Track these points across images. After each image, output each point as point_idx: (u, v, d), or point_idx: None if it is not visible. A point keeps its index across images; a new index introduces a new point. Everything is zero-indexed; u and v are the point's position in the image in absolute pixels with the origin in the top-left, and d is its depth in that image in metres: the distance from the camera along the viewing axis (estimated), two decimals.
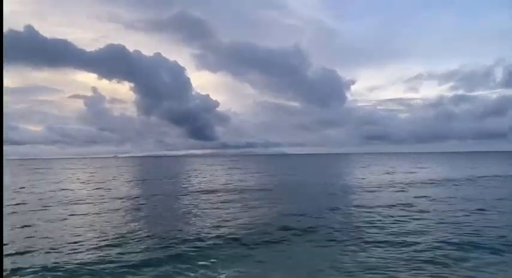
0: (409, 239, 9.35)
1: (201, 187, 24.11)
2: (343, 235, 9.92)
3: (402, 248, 8.55)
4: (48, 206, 15.86)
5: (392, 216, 12.48)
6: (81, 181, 31.27)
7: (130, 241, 9.62)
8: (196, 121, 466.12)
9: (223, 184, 26.22)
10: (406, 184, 24.23)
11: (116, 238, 10.03)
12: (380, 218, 12.15)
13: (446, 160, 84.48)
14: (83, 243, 9.54)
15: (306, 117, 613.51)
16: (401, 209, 13.84)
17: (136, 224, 11.90)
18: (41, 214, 13.89)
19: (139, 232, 10.79)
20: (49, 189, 23.57)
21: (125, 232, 10.82)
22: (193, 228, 11.17)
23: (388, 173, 36.44)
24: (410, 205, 14.91)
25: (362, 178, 29.59)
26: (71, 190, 23.25)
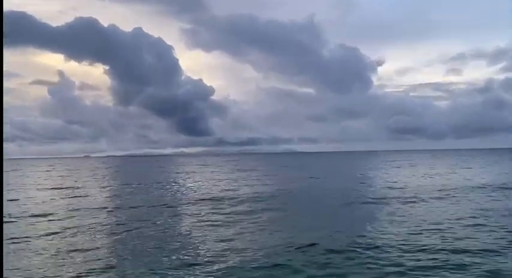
0: None
1: (197, 196, 23.28)
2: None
3: None
4: None
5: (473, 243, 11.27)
6: (44, 187, 30.64)
7: None
8: (187, 112, 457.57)
9: (225, 191, 25.28)
10: (457, 190, 23.19)
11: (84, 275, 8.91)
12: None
13: (498, 158, 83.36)
14: None
15: (322, 107, 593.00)
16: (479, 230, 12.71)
17: (112, 247, 10.85)
18: None
19: (116, 261, 9.69)
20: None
21: (100, 263, 9.70)
22: (192, 255, 10.07)
23: (429, 176, 35.42)
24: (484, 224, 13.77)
25: (395, 182, 28.52)
26: (31, 198, 22.41)
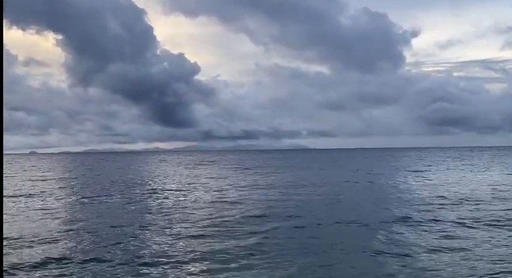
0: None
1: (183, 208, 21.39)
2: None
3: None
4: None
5: None
6: None
7: None
8: (164, 97, 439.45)
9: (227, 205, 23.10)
10: None
11: None
12: None
13: None
14: None
15: (339, 91, 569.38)
16: None
17: None
18: None
19: None
20: None
21: None
22: None
23: (497, 185, 33.48)
24: None
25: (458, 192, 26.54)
26: None
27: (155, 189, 31.62)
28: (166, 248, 12.93)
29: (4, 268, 10.52)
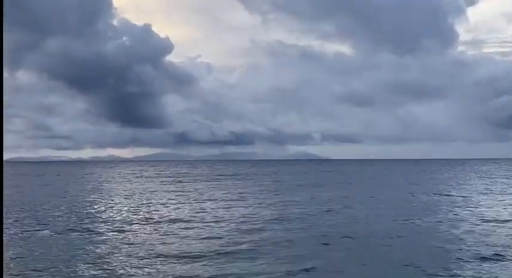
0: None
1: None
2: None
3: None
4: None
5: None
6: None
7: None
8: (122, 85, 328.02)
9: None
10: None
11: None
12: None
13: None
14: None
15: (366, 79, 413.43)
16: None
17: None
18: None
19: None
20: None
21: None
22: None
23: None
24: None
25: None
26: None
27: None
28: None
29: None
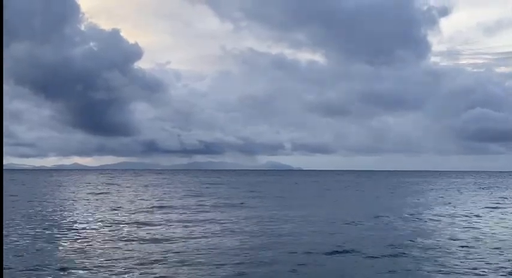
0: None
1: None
2: None
3: None
4: None
5: None
6: None
7: None
8: (89, 92, 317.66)
9: None
10: None
11: None
12: None
13: None
14: None
15: (339, 89, 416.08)
16: None
17: None
18: None
19: None
20: None
21: None
22: None
23: None
24: None
25: None
26: None
27: None
28: None
29: None
